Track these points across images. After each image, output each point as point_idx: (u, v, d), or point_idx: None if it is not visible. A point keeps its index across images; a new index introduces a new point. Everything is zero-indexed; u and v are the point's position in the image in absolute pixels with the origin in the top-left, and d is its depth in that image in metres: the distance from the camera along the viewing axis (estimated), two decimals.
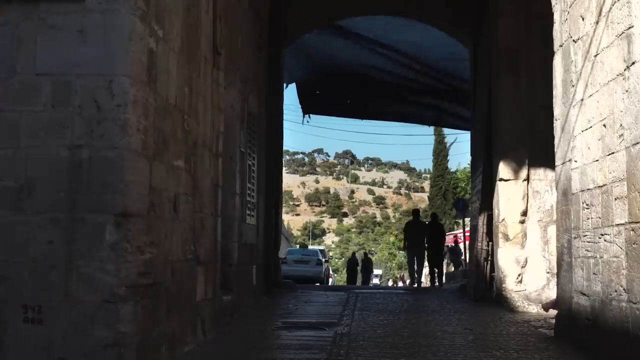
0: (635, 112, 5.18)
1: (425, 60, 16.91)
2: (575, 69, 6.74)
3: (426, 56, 16.69)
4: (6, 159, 4.92)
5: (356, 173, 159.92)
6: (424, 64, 17.06)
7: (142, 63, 5.21)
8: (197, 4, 6.88)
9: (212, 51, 7.46)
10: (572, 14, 6.83)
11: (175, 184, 6.03)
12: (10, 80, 4.97)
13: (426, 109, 20.10)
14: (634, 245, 5.18)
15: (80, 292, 4.80)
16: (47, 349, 4.77)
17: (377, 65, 17.42)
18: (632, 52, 5.23)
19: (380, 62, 17.21)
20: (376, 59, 17.06)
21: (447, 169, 60.35)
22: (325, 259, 31.05)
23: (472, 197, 14.93)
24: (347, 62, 17.62)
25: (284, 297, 12.47)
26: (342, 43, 16.42)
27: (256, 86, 11.14)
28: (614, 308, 5.61)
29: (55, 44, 4.97)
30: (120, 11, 4.98)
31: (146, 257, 5.22)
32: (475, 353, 6.63)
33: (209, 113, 7.27)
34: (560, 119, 7.35)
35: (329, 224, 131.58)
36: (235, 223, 9.32)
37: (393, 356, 6.41)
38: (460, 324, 8.98)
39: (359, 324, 8.77)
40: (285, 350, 6.92)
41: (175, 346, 6.00)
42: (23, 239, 4.86)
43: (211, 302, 7.29)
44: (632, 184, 5.21)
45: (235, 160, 9.40)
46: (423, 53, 16.52)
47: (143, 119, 5.17)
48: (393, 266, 65.03)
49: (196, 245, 6.72)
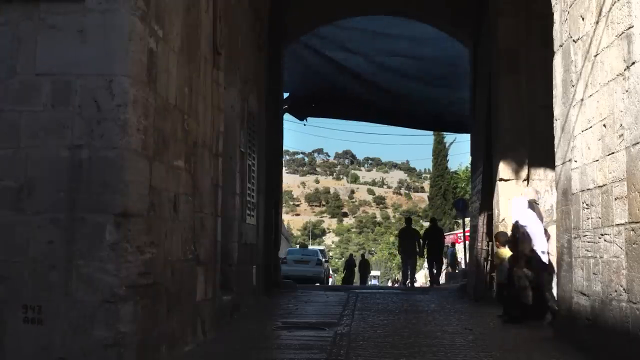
0: (635, 112, 5.18)
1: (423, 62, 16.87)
2: (575, 69, 6.74)
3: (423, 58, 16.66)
4: (6, 159, 4.92)
5: (356, 173, 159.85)
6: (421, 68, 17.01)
7: (142, 63, 5.21)
8: (197, 4, 6.88)
9: (212, 51, 7.46)
10: (572, 14, 6.83)
11: (175, 184, 6.03)
12: (10, 80, 4.98)
13: (424, 115, 20.04)
14: (634, 245, 5.18)
15: (80, 292, 4.80)
16: (47, 349, 4.78)
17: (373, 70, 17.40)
18: (632, 52, 5.22)
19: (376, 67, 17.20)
20: (371, 65, 17.07)
21: (447, 169, 60.35)
22: (325, 259, 31.09)
23: (472, 197, 14.94)
24: (342, 69, 17.56)
25: (284, 297, 12.47)
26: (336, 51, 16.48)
27: (256, 86, 11.14)
28: (614, 308, 5.61)
29: (55, 44, 4.97)
30: (120, 11, 4.98)
31: (146, 257, 5.22)
32: (475, 353, 6.63)
33: (209, 113, 7.27)
34: (560, 119, 7.35)
35: (329, 224, 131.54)
36: (235, 223, 9.32)
37: (393, 356, 6.41)
38: (460, 324, 8.98)
39: (359, 324, 8.77)
40: (285, 350, 6.92)
41: (175, 346, 6.00)
42: (23, 239, 4.86)
43: (211, 302, 7.29)
44: (632, 184, 5.21)
45: (235, 160, 9.40)
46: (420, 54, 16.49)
47: (143, 119, 5.17)
48: (393, 266, 64.99)
49: (196, 245, 6.72)
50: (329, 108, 19.70)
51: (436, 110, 18.98)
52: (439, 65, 16.58)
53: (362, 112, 19.76)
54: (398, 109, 19.18)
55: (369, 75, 17.52)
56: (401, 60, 16.73)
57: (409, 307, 11.32)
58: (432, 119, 20.17)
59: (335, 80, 17.85)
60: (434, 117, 19.70)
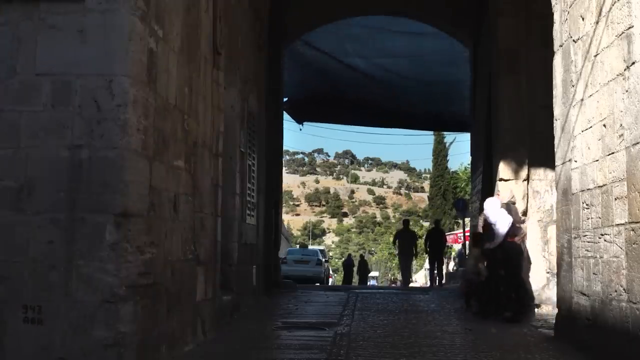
0: (635, 112, 5.18)
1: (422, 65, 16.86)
2: (575, 69, 6.74)
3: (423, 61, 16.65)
4: (6, 159, 4.92)
5: (356, 173, 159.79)
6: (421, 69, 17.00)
7: (142, 63, 5.21)
8: (197, 4, 6.88)
9: (212, 51, 7.46)
10: (572, 14, 6.83)
11: (175, 184, 6.03)
12: (10, 80, 4.98)
13: (424, 116, 20.04)
14: (634, 245, 5.18)
15: (80, 292, 4.79)
16: (47, 349, 4.77)
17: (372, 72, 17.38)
18: (632, 52, 5.22)
19: (375, 69, 17.19)
20: (371, 66, 17.06)
21: (447, 169, 60.31)
22: (325, 259, 31.13)
23: (472, 197, 14.94)
24: (341, 72, 17.54)
25: (284, 297, 12.47)
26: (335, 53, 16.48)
27: (256, 86, 11.14)
28: (614, 308, 5.61)
29: (55, 44, 4.97)
30: (120, 11, 4.98)
31: (146, 257, 5.22)
32: (475, 353, 6.63)
33: (209, 113, 7.27)
34: (560, 119, 7.35)
35: (329, 224, 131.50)
36: (235, 223, 9.31)
37: (393, 356, 6.41)
38: (460, 324, 8.98)
39: (359, 324, 8.76)
40: (285, 350, 6.92)
41: (175, 346, 6.00)
42: (23, 239, 4.86)
43: (211, 302, 7.29)
44: (632, 184, 5.21)
45: (235, 160, 9.40)
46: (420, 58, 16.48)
47: (143, 119, 5.17)
48: (393, 266, 64.97)
49: (196, 245, 6.72)
50: (328, 111, 19.70)
51: (436, 110, 18.98)
52: (439, 65, 16.58)
53: (361, 114, 19.76)
54: (398, 109, 19.17)
55: (368, 76, 17.52)
56: (401, 61, 16.73)
57: (409, 307, 11.32)
58: (432, 119, 20.18)
59: (335, 81, 17.84)
60: (434, 116, 19.71)
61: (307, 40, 15.76)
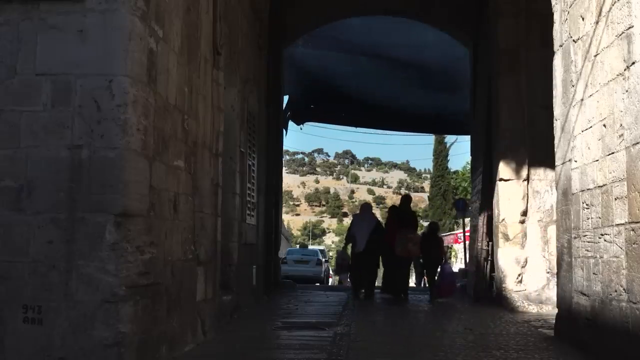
0: (635, 112, 5.18)
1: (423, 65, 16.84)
2: (575, 69, 6.74)
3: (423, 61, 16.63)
4: (6, 159, 4.92)
5: (356, 173, 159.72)
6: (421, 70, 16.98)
7: (142, 63, 5.21)
8: (197, 4, 6.88)
9: (212, 51, 7.46)
10: (572, 14, 6.84)
11: (175, 184, 6.03)
12: (10, 80, 4.97)
13: (424, 117, 19.99)
14: (634, 245, 5.18)
15: (80, 292, 4.79)
16: (47, 349, 4.77)
17: (372, 74, 17.37)
18: (632, 52, 5.23)
19: (375, 71, 17.18)
20: (371, 68, 17.05)
21: (447, 169, 60.30)
22: (325, 259, 31.09)
23: (472, 197, 14.93)
24: (341, 74, 17.52)
25: (284, 297, 12.47)
26: (335, 55, 16.46)
27: (256, 86, 11.13)
28: (614, 308, 5.61)
29: (56, 44, 4.97)
30: (120, 11, 4.98)
31: (146, 257, 5.22)
32: (475, 353, 6.63)
33: (209, 113, 7.27)
34: (560, 119, 7.35)
35: (329, 224, 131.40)
36: (235, 223, 9.31)
37: (393, 356, 6.41)
38: (460, 324, 8.99)
39: (359, 324, 8.77)
40: (285, 350, 6.92)
41: (175, 346, 6.00)
42: (23, 239, 4.86)
43: (211, 302, 7.29)
44: (632, 184, 5.21)
45: (235, 160, 9.39)
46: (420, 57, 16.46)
47: (143, 119, 5.17)
48: None
49: (196, 245, 6.72)
50: (327, 113, 19.67)
51: (436, 112, 18.95)
52: (439, 65, 16.56)
53: (361, 115, 19.73)
54: (398, 110, 19.14)
55: (368, 76, 17.52)
56: (401, 61, 16.71)
57: (409, 307, 11.33)
58: (432, 120, 20.13)
59: (334, 82, 17.82)
60: (434, 117, 19.68)
61: (307, 40, 15.76)
